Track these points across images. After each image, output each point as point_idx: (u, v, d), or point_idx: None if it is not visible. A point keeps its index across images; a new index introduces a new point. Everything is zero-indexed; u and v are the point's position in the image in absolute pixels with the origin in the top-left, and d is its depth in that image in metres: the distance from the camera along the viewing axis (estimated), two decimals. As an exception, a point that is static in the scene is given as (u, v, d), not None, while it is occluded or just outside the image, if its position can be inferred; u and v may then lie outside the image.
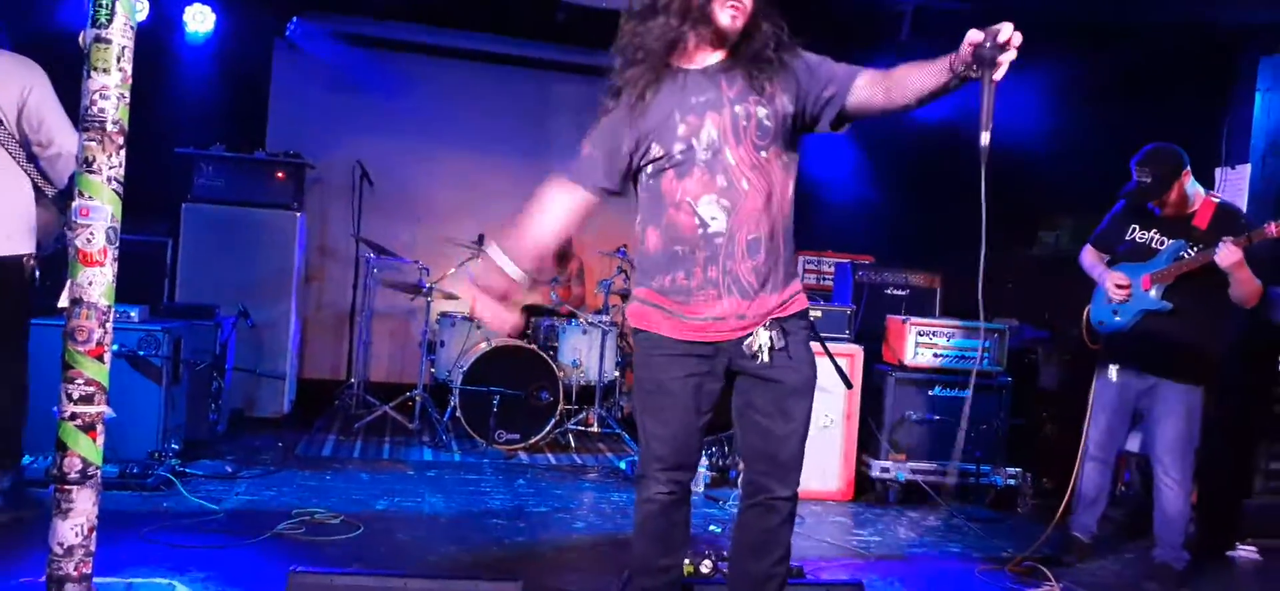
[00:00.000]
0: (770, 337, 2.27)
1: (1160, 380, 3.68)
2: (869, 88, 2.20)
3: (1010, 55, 2.05)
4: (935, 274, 5.87)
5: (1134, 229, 3.81)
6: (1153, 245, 3.72)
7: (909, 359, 4.92)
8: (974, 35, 2.04)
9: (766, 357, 2.26)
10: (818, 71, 2.26)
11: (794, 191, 2.34)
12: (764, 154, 2.24)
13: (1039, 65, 5.95)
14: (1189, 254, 3.59)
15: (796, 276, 2.39)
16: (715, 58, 2.28)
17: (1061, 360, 5.31)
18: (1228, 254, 3.44)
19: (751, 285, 2.24)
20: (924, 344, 4.95)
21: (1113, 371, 3.82)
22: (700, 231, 2.23)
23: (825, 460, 4.77)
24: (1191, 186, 3.67)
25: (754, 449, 2.33)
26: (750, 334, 2.26)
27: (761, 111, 2.23)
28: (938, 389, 4.93)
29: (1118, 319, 3.79)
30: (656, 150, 2.26)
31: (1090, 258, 3.98)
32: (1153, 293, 3.67)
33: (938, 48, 2.17)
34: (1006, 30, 2.03)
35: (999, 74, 2.05)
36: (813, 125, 2.30)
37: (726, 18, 2.20)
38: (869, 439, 4.94)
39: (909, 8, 5.17)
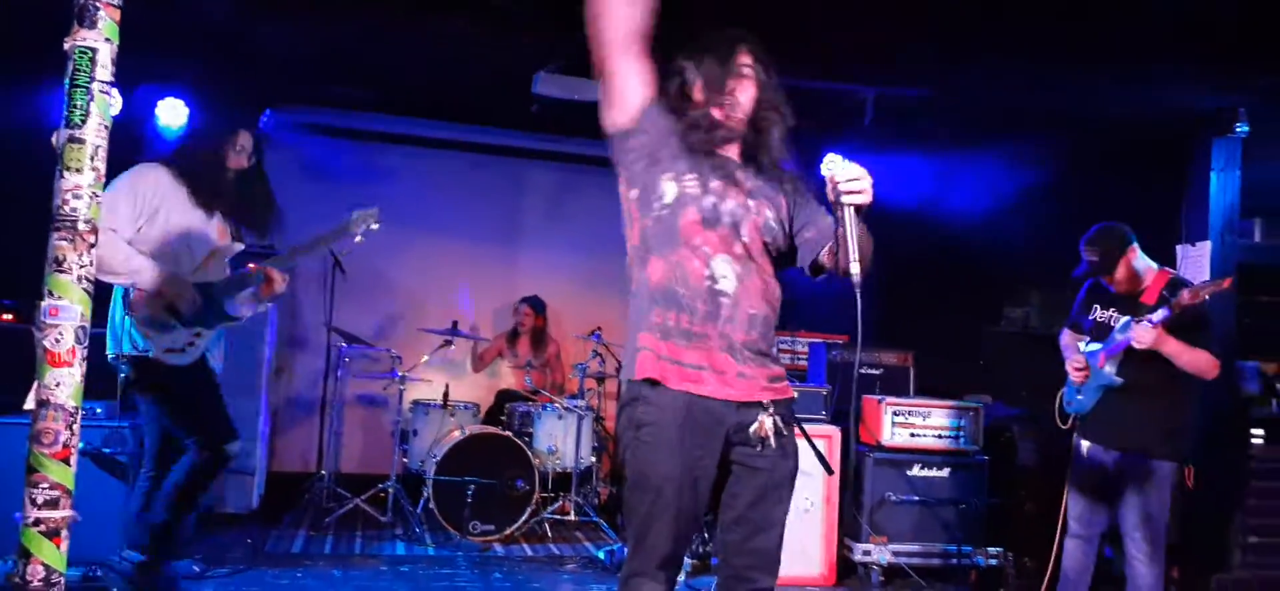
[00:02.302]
0: (774, 423, 2.26)
1: (1126, 454, 3.70)
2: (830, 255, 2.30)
3: (855, 196, 2.15)
4: (907, 352, 5.91)
5: (1095, 308, 3.90)
6: (1110, 323, 3.79)
7: (886, 439, 4.92)
8: (827, 174, 2.15)
9: (773, 443, 2.24)
10: (808, 206, 2.36)
11: None
12: (769, 247, 2.32)
13: (1002, 144, 6.12)
14: (1128, 334, 3.66)
15: (782, 366, 2.39)
16: (733, 152, 2.36)
17: (1037, 437, 5.34)
18: (1141, 334, 3.53)
19: (746, 356, 2.24)
20: (900, 423, 4.95)
21: (1084, 447, 3.85)
22: (707, 283, 2.22)
23: (806, 544, 4.72)
24: (1140, 262, 3.75)
25: (739, 541, 2.28)
26: (754, 417, 2.24)
27: (769, 213, 2.31)
28: (917, 468, 4.92)
29: (1081, 398, 3.86)
30: (691, 183, 2.26)
31: (1067, 339, 4.06)
32: (1107, 369, 3.73)
33: (901, 132, 2.25)
34: (842, 173, 2.13)
35: (851, 207, 2.16)
36: (790, 253, 2.37)
37: (723, 118, 2.30)
38: (849, 522, 4.90)
39: (871, 95, 5.30)
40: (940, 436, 4.98)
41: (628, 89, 2.27)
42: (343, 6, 4.73)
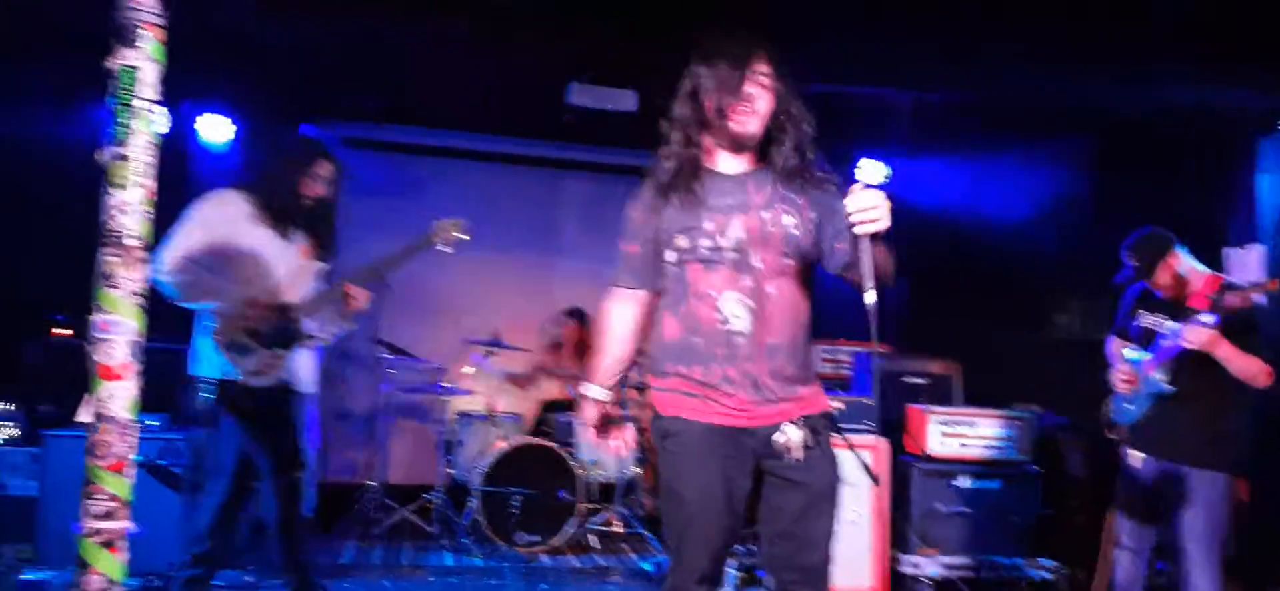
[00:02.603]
0: (803, 435, 2.23)
1: (1178, 466, 3.60)
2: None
3: (867, 226, 2.09)
4: (953, 362, 5.82)
5: (1141, 314, 3.81)
6: (1157, 329, 3.71)
7: (933, 449, 4.85)
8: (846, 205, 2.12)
9: (800, 454, 2.21)
10: (838, 215, 2.25)
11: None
12: (789, 262, 2.26)
13: (1044, 147, 6.02)
14: (1177, 336, 3.57)
15: (815, 379, 2.35)
16: (741, 163, 2.31)
17: (1087, 446, 5.23)
18: (1193, 334, 3.41)
19: (769, 388, 2.22)
20: (948, 433, 4.88)
21: (1134, 458, 3.76)
22: (720, 326, 2.21)
23: (855, 557, 4.65)
24: (1185, 267, 3.66)
25: (784, 557, 2.25)
26: (779, 428, 2.22)
27: (789, 220, 2.25)
28: (964, 480, 4.84)
29: (1130, 408, 3.77)
30: (683, 242, 2.26)
31: (1114, 347, 3.97)
32: (1156, 375, 3.64)
33: (940, 140, 2.23)
34: (853, 205, 2.07)
35: (864, 232, 2.10)
36: (820, 260, 2.34)
37: (737, 125, 2.23)
38: (897, 534, 4.83)
39: (908, 103, 5.25)
40: (989, 446, 4.90)
41: (655, 299, 2.40)
42: (380, 20, 4.79)
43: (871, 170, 6.58)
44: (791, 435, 2.22)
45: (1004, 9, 3.99)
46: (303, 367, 3.64)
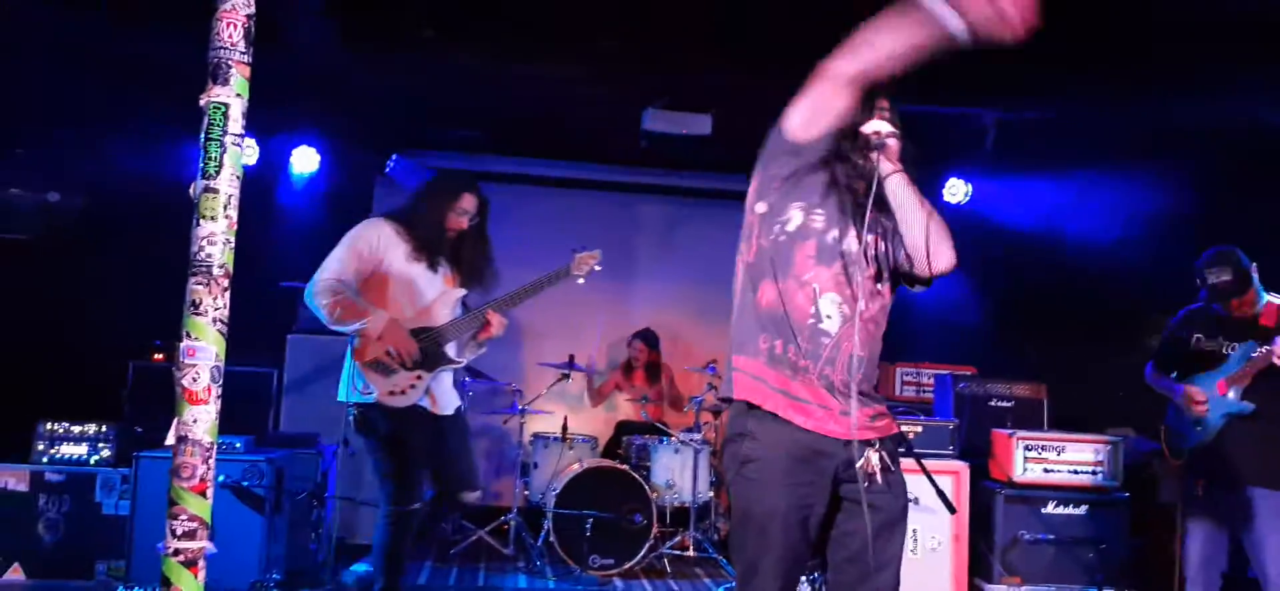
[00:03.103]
0: (882, 459, 2.20)
1: (1256, 490, 3.43)
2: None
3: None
4: (1041, 384, 5.65)
5: (1198, 338, 3.67)
6: (1222, 351, 3.56)
7: (1018, 475, 4.70)
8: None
9: (880, 480, 2.19)
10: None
11: None
12: (879, 285, 2.28)
13: (1132, 167, 5.82)
14: (1262, 352, 3.42)
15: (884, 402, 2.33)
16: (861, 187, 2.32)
17: (1175, 475, 5.02)
18: None
19: (846, 397, 2.18)
20: (1033, 458, 4.73)
21: (1200, 488, 3.61)
22: (811, 322, 2.19)
23: (936, 584, 4.53)
24: (1259, 286, 3.54)
25: (853, 582, 2.21)
26: (861, 451, 2.19)
27: (883, 247, 2.29)
28: (1051, 506, 4.68)
29: (1200, 431, 3.61)
30: (819, 218, 2.24)
31: (1155, 374, 3.83)
32: (1231, 395, 3.49)
33: (1023, 158, 2.19)
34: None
35: (891, 178, 2.22)
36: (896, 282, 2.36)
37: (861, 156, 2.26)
38: (980, 561, 4.69)
39: (990, 121, 5.14)
40: (1076, 472, 4.73)
41: (825, 114, 2.20)
42: (460, 54, 4.90)
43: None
44: (873, 460, 2.20)
45: (1084, 29, 3.88)
46: (442, 391, 3.73)
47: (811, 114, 2.20)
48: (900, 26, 2.01)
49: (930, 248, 2.20)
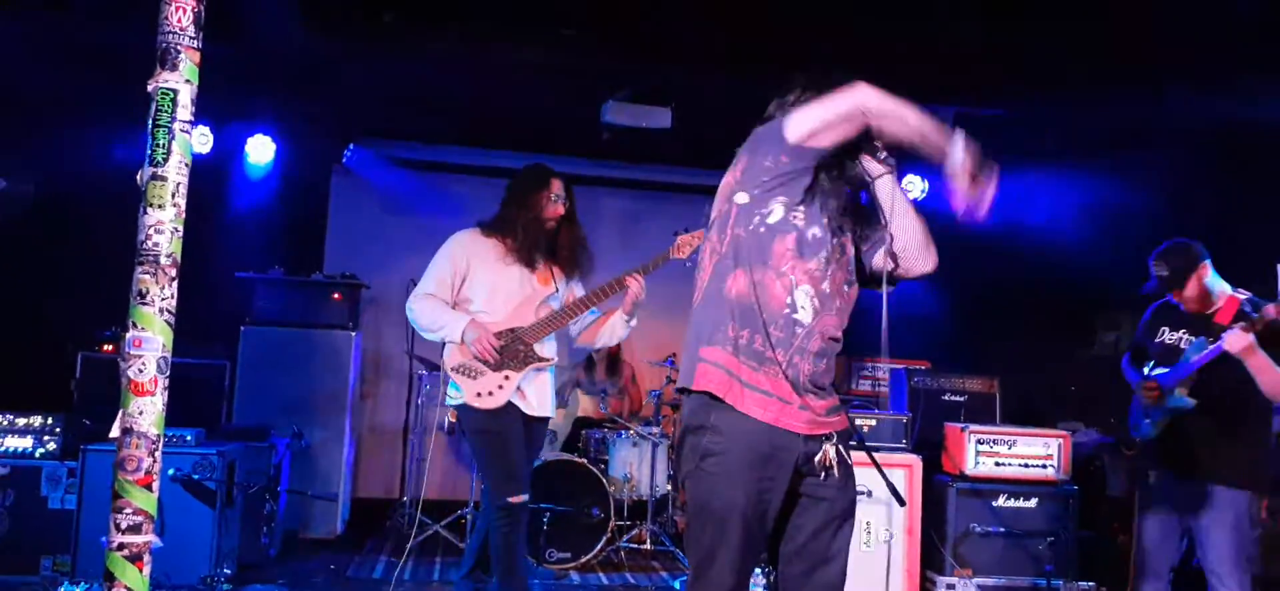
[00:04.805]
0: (838, 452, 2.22)
1: (1201, 483, 3.51)
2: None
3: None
4: (993, 379, 5.74)
5: (1163, 330, 3.73)
6: (1181, 345, 3.62)
7: (970, 468, 4.77)
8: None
9: (836, 473, 2.22)
10: (872, 230, 2.37)
11: None
12: (848, 288, 2.32)
13: (1088, 163, 5.92)
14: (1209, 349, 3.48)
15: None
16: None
17: (1129, 466, 5.13)
18: (1235, 340, 3.32)
19: (809, 387, 2.20)
20: (985, 452, 4.80)
21: (1153, 476, 3.69)
22: (786, 311, 2.19)
23: (887, 575, 4.59)
24: (1212, 281, 3.57)
25: (801, 574, 2.23)
26: (819, 447, 2.21)
27: (851, 250, 2.33)
28: (1002, 499, 4.76)
29: (1147, 422, 3.68)
30: (799, 214, 2.23)
31: (1127, 366, 3.91)
32: (1178, 391, 3.56)
33: (982, 151, 2.21)
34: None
35: (883, 177, 2.29)
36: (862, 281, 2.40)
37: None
38: (932, 553, 4.76)
39: (950, 115, 5.20)
40: (1027, 465, 4.81)
41: (834, 134, 2.21)
42: (417, 41, 4.86)
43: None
44: (831, 453, 2.22)
45: (1042, 21, 3.94)
46: (535, 391, 3.73)
47: (822, 128, 2.20)
48: (928, 126, 2.17)
49: (920, 249, 2.29)
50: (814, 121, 2.19)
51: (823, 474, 2.22)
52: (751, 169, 2.26)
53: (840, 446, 2.25)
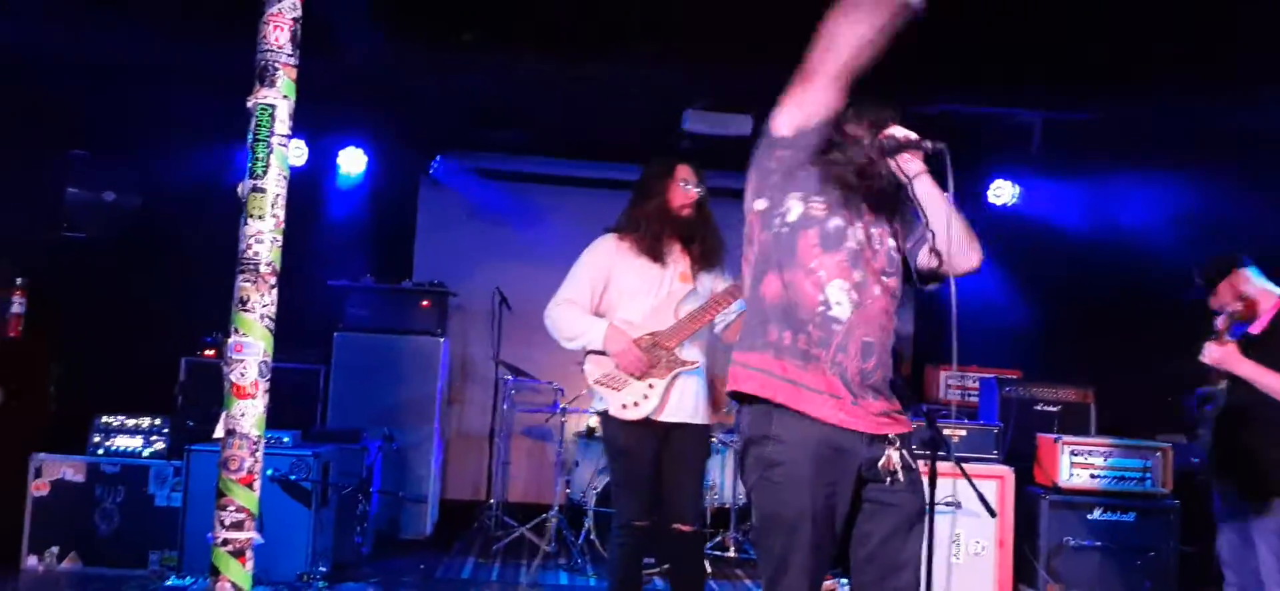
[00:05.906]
0: (902, 456, 2.19)
1: (1256, 495, 3.39)
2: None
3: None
4: (1088, 389, 5.56)
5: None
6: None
7: (1063, 480, 4.63)
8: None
9: (901, 478, 2.19)
10: (914, 224, 2.34)
11: None
12: (887, 279, 2.27)
13: (1185, 168, 5.70)
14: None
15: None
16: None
17: (1201, 482, 4.92)
18: (1209, 353, 3.31)
19: (857, 385, 2.17)
20: (1079, 464, 4.65)
21: (1217, 491, 3.59)
22: (821, 309, 2.18)
23: (979, 589, 4.48)
24: (1251, 287, 3.46)
25: (873, 581, 2.21)
26: (882, 451, 2.18)
27: (891, 243, 2.31)
28: (1097, 512, 4.60)
29: (1201, 433, 3.59)
30: (818, 206, 2.24)
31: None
32: (1222, 384, 3.45)
33: (1070, 158, 2.16)
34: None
35: (918, 178, 2.24)
36: (907, 278, 2.36)
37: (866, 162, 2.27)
38: (1024, 567, 4.63)
39: (1038, 119, 5.07)
40: (1123, 478, 4.65)
41: (812, 110, 2.22)
42: (502, 56, 4.95)
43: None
44: (894, 458, 2.19)
45: (1132, 29, 3.82)
46: (678, 396, 3.51)
47: (799, 113, 2.23)
48: (857, 11, 2.07)
49: (963, 247, 2.22)
50: (789, 112, 2.24)
51: (888, 479, 2.19)
52: (760, 176, 2.31)
53: (904, 450, 2.22)
